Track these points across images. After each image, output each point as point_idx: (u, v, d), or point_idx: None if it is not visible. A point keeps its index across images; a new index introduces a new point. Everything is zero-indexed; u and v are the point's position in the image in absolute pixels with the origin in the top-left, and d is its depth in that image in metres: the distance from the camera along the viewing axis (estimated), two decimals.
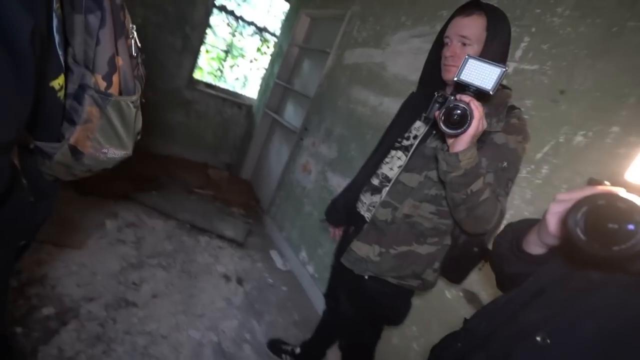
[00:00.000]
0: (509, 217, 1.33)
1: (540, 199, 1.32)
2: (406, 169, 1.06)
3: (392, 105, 2.02)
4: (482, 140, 0.91)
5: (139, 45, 0.75)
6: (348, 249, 1.14)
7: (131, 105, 0.69)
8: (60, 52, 0.57)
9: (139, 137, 0.83)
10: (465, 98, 0.78)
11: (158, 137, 3.61)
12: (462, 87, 0.83)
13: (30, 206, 0.70)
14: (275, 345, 1.81)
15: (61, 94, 0.61)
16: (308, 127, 2.84)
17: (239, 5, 3.74)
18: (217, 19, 3.75)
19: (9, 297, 1.53)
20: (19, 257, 0.92)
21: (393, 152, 1.17)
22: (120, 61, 0.66)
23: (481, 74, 0.79)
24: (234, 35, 3.88)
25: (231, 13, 3.69)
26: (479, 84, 0.79)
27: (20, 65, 0.49)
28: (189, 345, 1.67)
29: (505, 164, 0.92)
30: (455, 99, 0.79)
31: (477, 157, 0.83)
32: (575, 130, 1.27)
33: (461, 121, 0.77)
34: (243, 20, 3.78)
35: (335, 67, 2.65)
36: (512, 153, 0.93)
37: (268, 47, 4.12)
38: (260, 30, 3.95)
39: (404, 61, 2.04)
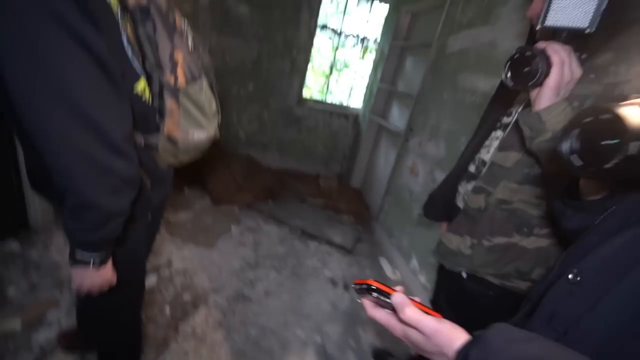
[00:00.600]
0: None
1: None
2: (501, 147, 0.89)
3: None
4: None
5: (193, 41, 0.83)
6: (438, 241, 1.00)
7: (197, 89, 0.79)
8: (134, 62, 0.68)
9: (219, 120, 0.95)
10: (541, 44, 0.61)
11: (275, 153, 4.02)
12: (552, 37, 0.63)
13: (149, 188, 0.86)
14: (380, 356, 1.70)
15: (145, 96, 0.73)
16: (413, 127, 2.67)
17: (340, 20, 3.88)
18: (320, 38, 3.99)
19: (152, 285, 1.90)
20: (151, 239, 1.13)
21: (493, 133, 0.98)
22: (179, 55, 0.76)
23: (571, 10, 0.57)
24: (336, 50, 4.04)
25: (332, 30, 3.87)
26: (570, 25, 0.58)
27: (111, 77, 0.61)
28: (295, 343, 1.72)
29: None
30: (522, 47, 0.62)
31: (571, 114, 0.62)
32: None
33: (531, 72, 0.61)
34: (344, 33, 3.90)
35: (439, 59, 2.43)
36: None
37: (370, 53, 4.13)
38: (362, 39, 4.00)
39: (518, 31, 1.70)
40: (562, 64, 0.61)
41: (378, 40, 3.86)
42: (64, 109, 0.56)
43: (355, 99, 4.30)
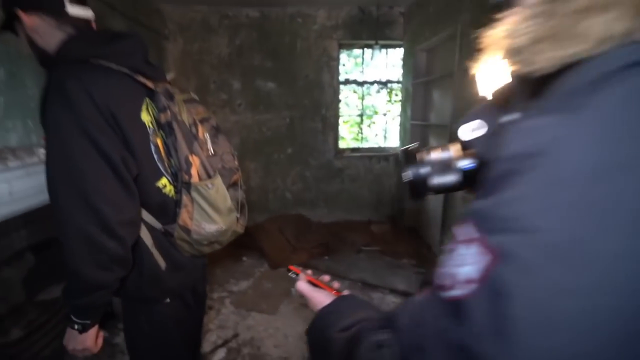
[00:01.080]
0: None
1: None
2: None
3: None
4: None
5: (212, 150, 0.98)
6: None
7: (209, 186, 0.90)
8: (160, 164, 0.89)
9: (238, 214, 1.02)
10: None
11: (323, 207, 4.08)
12: None
13: (165, 272, 0.94)
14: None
15: (167, 191, 0.90)
16: None
17: (361, 72, 4.10)
18: (345, 92, 4.21)
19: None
20: (193, 324, 1.16)
21: None
22: (195, 158, 0.90)
23: None
24: (363, 99, 4.21)
25: (354, 82, 4.08)
26: None
27: (121, 177, 0.79)
28: None
29: None
30: None
31: None
32: None
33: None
34: (367, 82, 4.08)
35: (464, 85, 2.41)
36: None
37: (396, 95, 4.22)
38: (384, 83, 4.14)
39: None
40: None
41: (401, 80, 3.97)
42: (75, 192, 0.75)
43: (391, 140, 4.33)
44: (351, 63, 4.48)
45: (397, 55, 3.99)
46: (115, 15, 2.54)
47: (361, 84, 4.08)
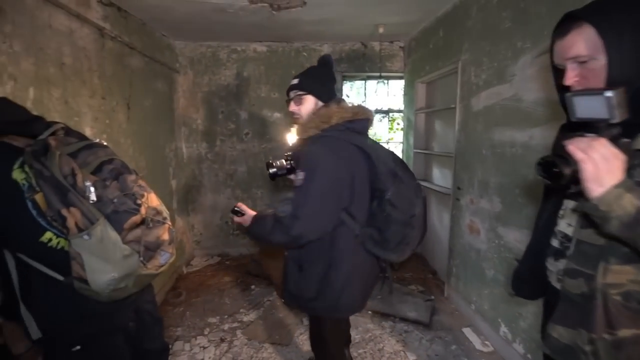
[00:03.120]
0: None
1: None
2: (582, 224, 0.82)
3: (546, 135, 1.73)
4: None
5: (94, 197, 0.97)
6: (546, 333, 0.88)
7: (86, 237, 0.92)
8: (40, 219, 0.94)
9: (142, 257, 1.02)
10: (569, 143, 0.69)
11: None
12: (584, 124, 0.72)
13: (73, 321, 1.01)
14: None
15: (54, 244, 0.96)
16: (461, 186, 2.68)
17: (363, 101, 4.25)
18: None
19: None
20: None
21: (565, 202, 0.92)
22: (72, 211, 0.92)
23: (592, 104, 0.68)
24: None
25: None
26: (594, 116, 0.68)
27: None
28: None
29: None
30: (544, 157, 0.74)
31: (632, 205, 0.64)
32: None
33: (559, 174, 0.69)
34: None
35: (467, 118, 2.54)
36: None
37: (398, 123, 4.36)
38: (386, 112, 4.29)
39: (539, 84, 1.79)
40: (586, 159, 0.65)
41: (402, 109, 4.12)
42: None
43: None
44: (354, 93, 4.65)
45: (398, 85, 4.17)
46: (134, 54, 2.66)
47: None
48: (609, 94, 0.66)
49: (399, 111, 4.22)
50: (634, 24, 0.71)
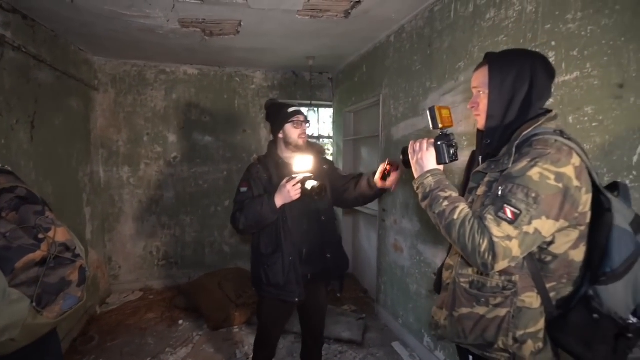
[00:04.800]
0: None
1: None
2: None
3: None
4: (496, 178, 0.93)
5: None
6: (431, 315, 1.14)
7: None
8: None
9: (34, 303, 0.88)
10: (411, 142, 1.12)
11: None
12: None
13: None
14: None
15: None
16: (386, 208, 2.91)
17: None
18: None
19: None
20: None
21: None
22: None
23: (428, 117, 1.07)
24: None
25: None
26: (430, 127, 1.07)
27: None
28: None
29: (500, 190, 0.86)
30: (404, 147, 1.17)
31: (429, 184, 1.00)
32: None
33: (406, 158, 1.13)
34: None
35: (389, 146, 2.80)
36: (517, 179, 0.84)
37: (328, 150, 4.59)
38: (317, 138, 4.49)
39: None
40: (412, 153, 1.09)
41: (332, 136, 4.36)
42: None
43: None
44: None
45: (328, 113, 4.42)
46: (42, 67, 2.41)
47: None
48: (427, 110, 1.07)
49: (329, 137, 4.45)
50: (516, 76, 0.95)
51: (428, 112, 1.06)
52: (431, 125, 1.05)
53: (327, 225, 1.74)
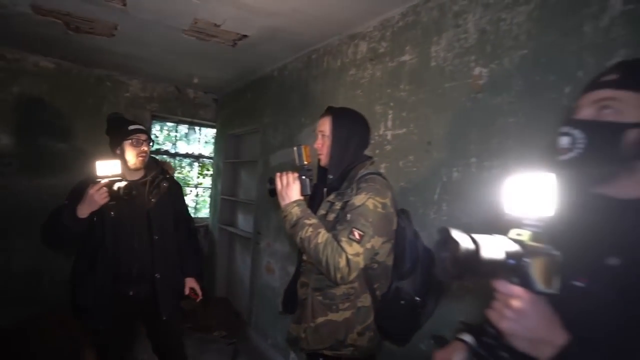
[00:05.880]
0: None
1: None
2: None
3: None
4: (343, 207, 1.18)
5: None
6: (287, 332, 1.29)
7: None
8: None
9: None
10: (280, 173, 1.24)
11: None
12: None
13: None
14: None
15: None
16: (260, 231, 3.01)
17: (173, 145, 4.17)
18: None
19: None
20: None
21: None
22: None
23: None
24: (175, 169, 4.23)
25: (166, 153, 4.10)
26: (296, 162, 1.26)
27: None
28: None
29: (348, 216, 1.11)
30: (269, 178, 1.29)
31: (296, 213, 1.15)
32: (449, 168, 1.55)
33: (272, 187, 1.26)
34: (179, 155, 4.18)
35: (266, 171, 2.96)
36: (359, 208, 1.11)
37: (208, 170, 4.49)
38: (197, 157, 4.36)
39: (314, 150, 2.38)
40: (278, 183, 1.21)
41: (213, 156, 4.29)
42: None
43: (202, 212, 4.44)
44: (164, 135, 4.49)
45: (210, 132, 4.35)
46: None
47: (173, 155, 4.12)
48: (294, 147, 1.26)
49: (210, 157, 4.37)
50: (351, 129, 1.27)
51: (295, 149, 1.26)
52: (297, 161, 1.26)
53: (160, 244, 1.72)
